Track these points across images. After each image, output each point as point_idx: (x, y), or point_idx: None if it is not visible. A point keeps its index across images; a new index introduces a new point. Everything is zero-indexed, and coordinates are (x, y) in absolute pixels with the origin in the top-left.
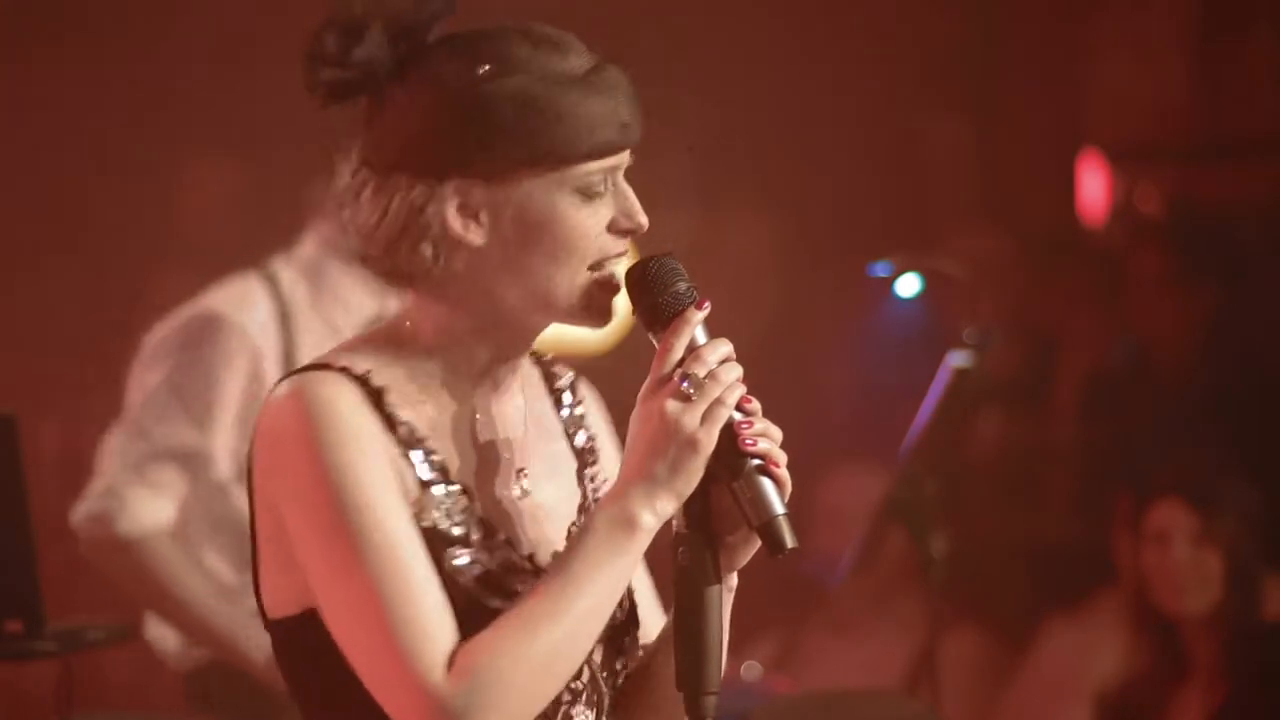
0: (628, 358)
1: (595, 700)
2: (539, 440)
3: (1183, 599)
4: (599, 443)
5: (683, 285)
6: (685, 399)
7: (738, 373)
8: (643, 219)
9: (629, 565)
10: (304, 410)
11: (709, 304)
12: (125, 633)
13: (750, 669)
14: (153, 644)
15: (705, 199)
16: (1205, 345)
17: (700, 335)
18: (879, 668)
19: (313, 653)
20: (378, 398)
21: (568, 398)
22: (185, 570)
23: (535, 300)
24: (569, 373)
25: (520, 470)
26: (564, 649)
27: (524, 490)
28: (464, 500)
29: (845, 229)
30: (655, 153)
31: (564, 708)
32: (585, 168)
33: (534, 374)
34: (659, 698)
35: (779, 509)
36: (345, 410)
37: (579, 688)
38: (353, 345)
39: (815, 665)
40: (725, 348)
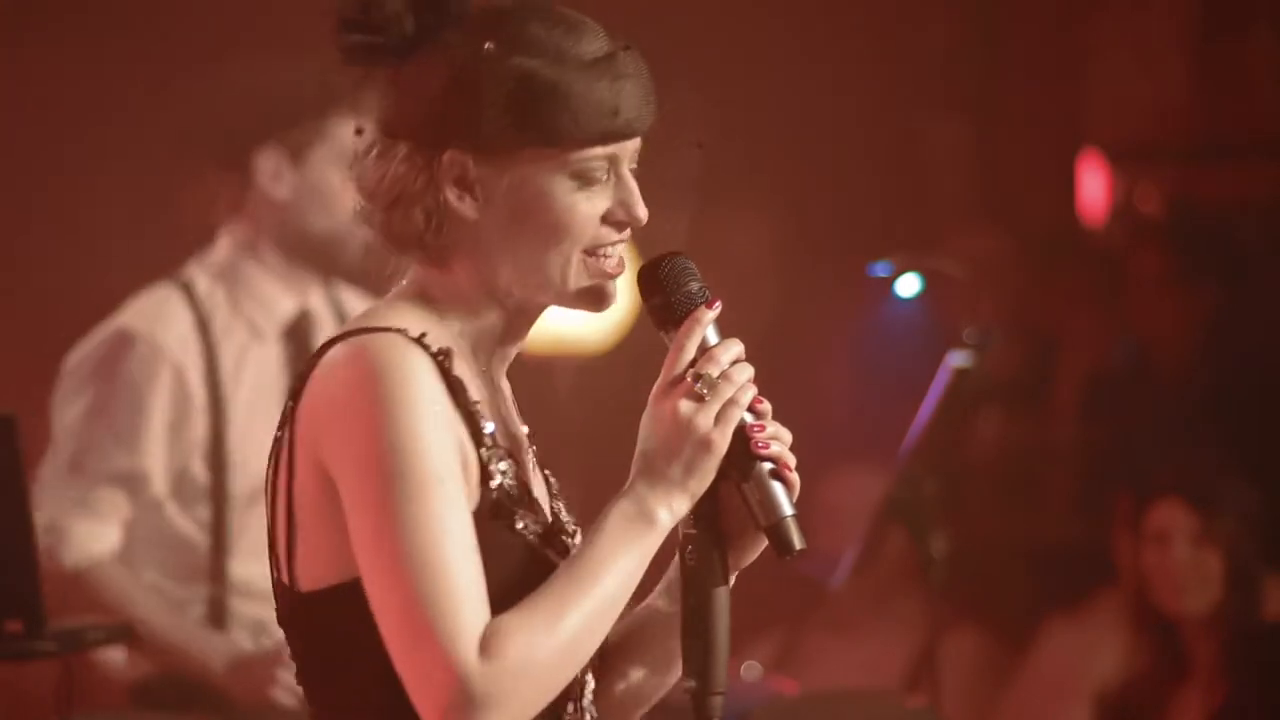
0: (628, 358)
1: (575, 694)
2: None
3: (1183, 599)
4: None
5: (695, 285)
6: (699, 399)
7: (750, 373)
8: (641, 212)
9: (644, 559)
10: (373, 373)
11: (720, 303)
12: (125, 633)
13: (750, 669)
14: (97, 660)
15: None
16: (1205, 345)
17: (712, 335)
18: (879, 668)
19: (348, 625)
20: (441, 360)
21: (508, 387)
22: (136, 590)
23: (528, 280)
24: None
25: (528, 440)
26: (584, 638)
27: (533, 462)
28: (512, 464)
29: (845, 229)
30: (655, 152)
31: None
32: (583, 153)
33: None
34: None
35: (788, 510)
36: (418, 375)
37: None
38: (392, 308)
39: (815, 665)
40: (737, 348)
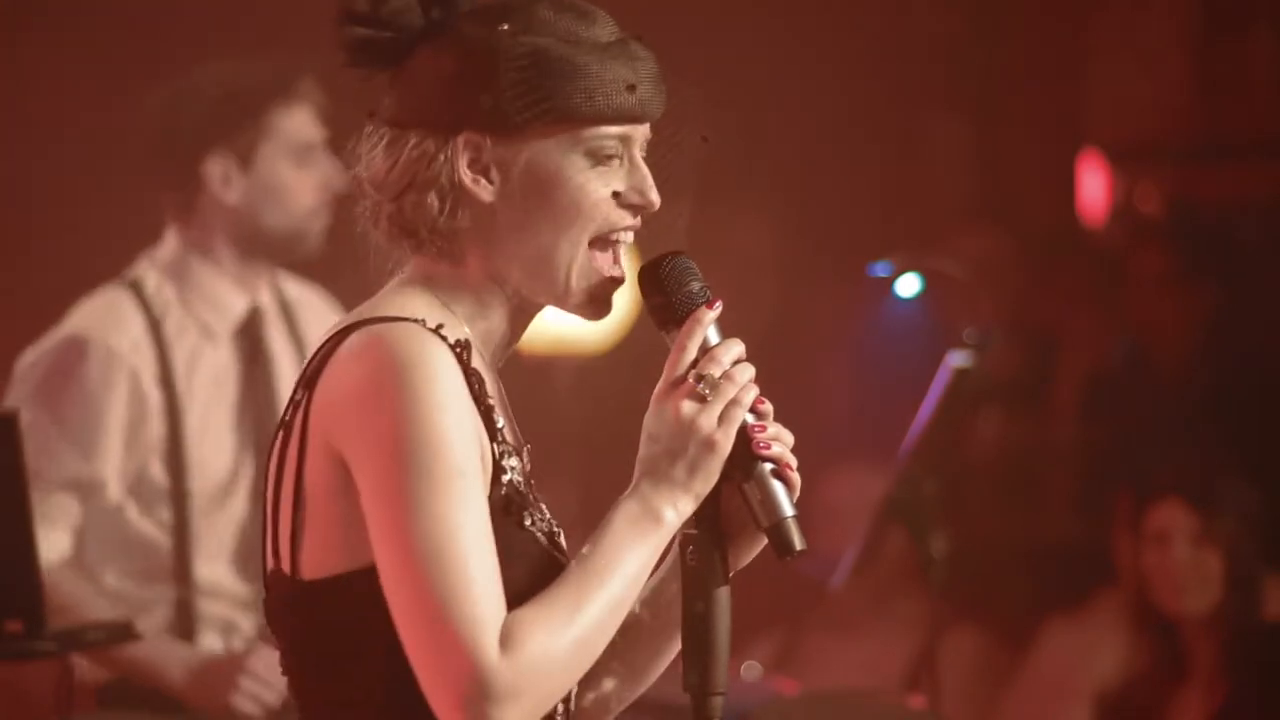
0: (628, 358)
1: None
2: None
3: (1183, 599)
4: None
5: (696, 285)
6: (701, 400)
7: (751, 373)
8: (654, 196)
9: (651, 559)
10: (395, 364)
11: (720, 303)
12: (125, 633)
13: (750, 669)
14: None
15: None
16: (1205, 345)
17: (713, 335)
18: (879, 668)
19: (350, 615)
20: (460, 353)
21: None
22: (88, 597)
23: (534, 270)
24: None
25: (525, 441)
26: (595, 637)
27: (530, 462)
28: (521, 463)
29: (845, 228)
30: (659, 147)
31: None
32: (597, 131)
33: None
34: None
35: (788, 511)
36: (438, 366)
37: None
38: (401, 297)
39: (815, 665)
40: (738, 348)
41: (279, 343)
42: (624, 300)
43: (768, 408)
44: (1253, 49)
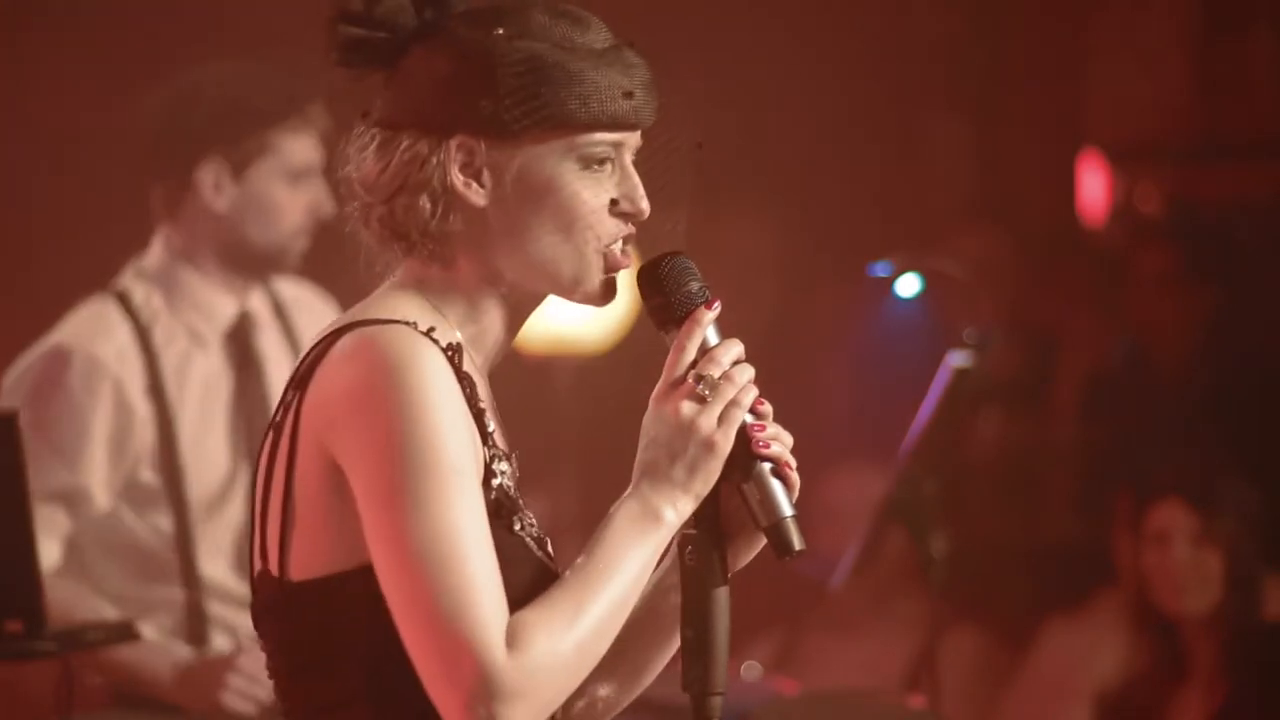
0: (628, 358)
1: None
2: None
3: (1183, 599)
4: None
5: (695, 285)
6: (700, 401)
7: (751, 373)
8: (645, 204)
9: (652, 557)
10: (388, 366)
11: (719, 303)
12: (125, 633)
13: (750, 669)
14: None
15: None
16: (1205, 345)
17: (713, 335)
18: (879, 668)
19: (347, 614)
20: (451, 356)
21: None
22: (79, 606)
23: (532, 269)
24: None
25: (514, 447)
26: (599, 637)
27: (518, 466)
28: (510, 467)
29: (845, 229)
30: (655, 150)
31: None
32: (590, 137)
33: None
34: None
35: (787, 511)
36: (431, 368)
37: None
38: (392, 299)
39: (815, 665)
40: (737, 348)
41: (273, 345)
42: (624, 300)
43: (767, 408)
44: (1253, 49)
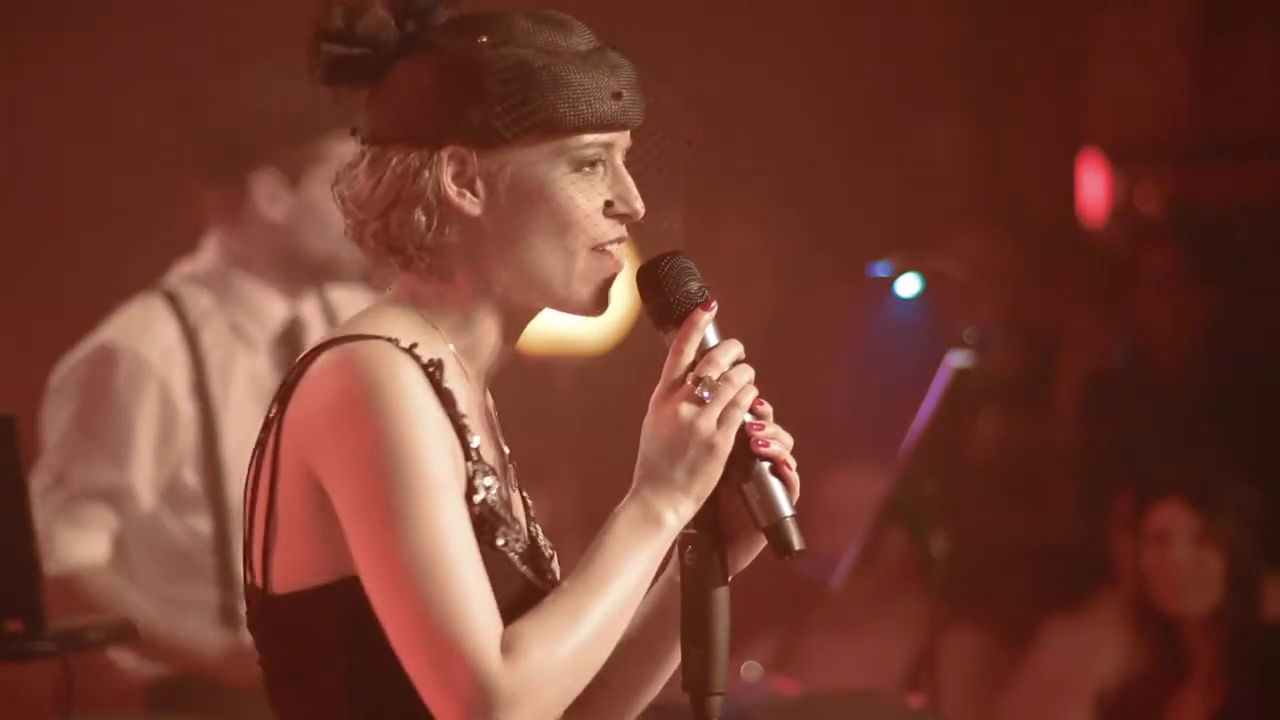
0: (628, 358)
1: None
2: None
3: (1183, 599)
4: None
5: (694, 285)
6: (699, 402)
7: (750, 374)
8: (639, 205)
9: (653, 561)
10: (362, 381)
11: (716, 304)
12: (125, 632)
13: (750, 669)
14: (110, 658)
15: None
16: (1205, 345)
17: (712, 336)
18: (879, 668)
19: (325, 628)
20: (431, 371)
21: (491, 402)
22: (125, 592)
23: (528, 279)
24: None
25: (510, 460)
26: (600, 641)
27: (515, 479)
28: (495, 480)
29: (845, 229)
30: (648, 149)
31: None
32: (580, 139)
33: None
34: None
35: (787, 511)
36: (410, 383)
37: None
38: (381, 315)
39: (815, 665)
40: (736, 349)
41: None
42: (623, 300)
43: (767, 409)
44: (1253, 49)
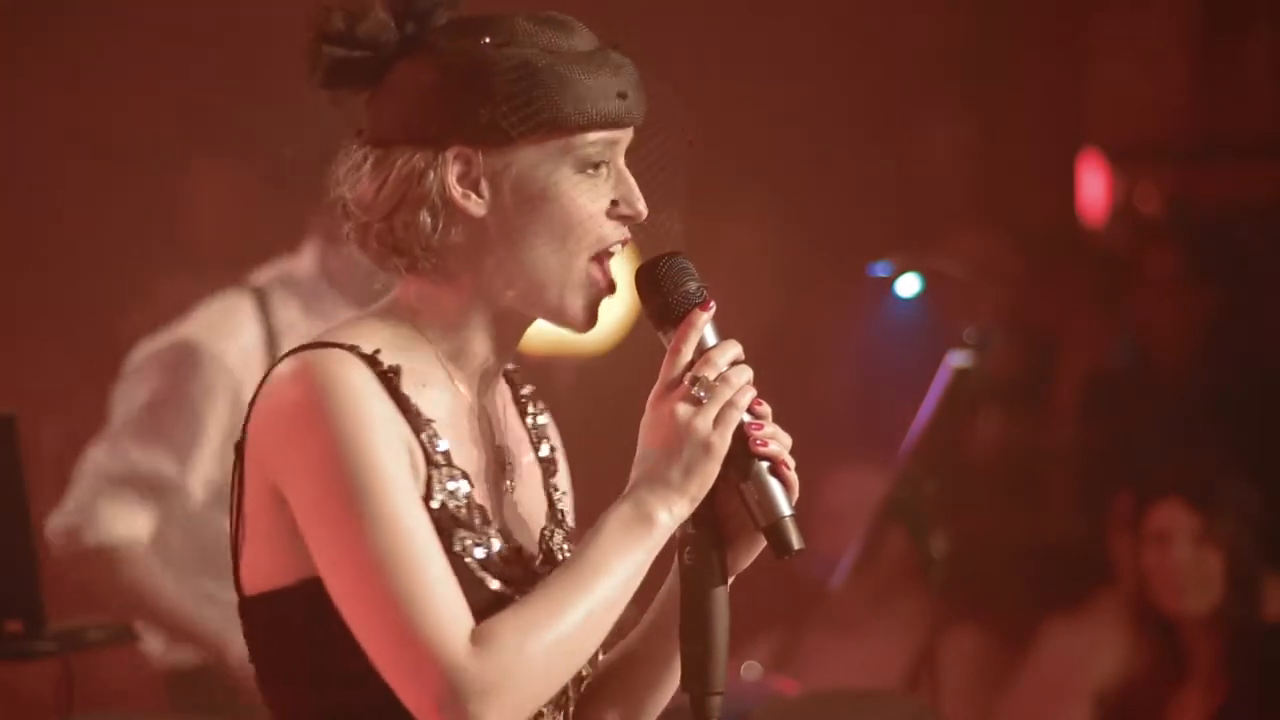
0: (628, 358)
1: (563, 703)
2: (515, 442)
3: (1183, 599)
4: (558, 455)
5: (693, 285)
6: (696, 403)
7: (748, 375)
8: (642, 206)
9: (644, 562)
10: (315, 387)
11: (714, 305)
12: (125, 633)
13: (750, 669)
14: (138, 644)
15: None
16: (1205, 345)
17: (710, 336)
18: (879, 668)
19: (297, 626)
20: (389, 377)
21: (531, 407)
22: (157, 575)
23: (525, 284)
24: (529, 385)
25: (508, 465)
26: (580, 638)
27: (511, 485)
28: (465, 484)
29: (845, 229)
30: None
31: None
32: (585, 138)
33: (501, 382)
34: (641, 679)
35: (786, 510)
36: (359, 388)
37: None
38: (354, 325)
39: (815, 665)
40: (735, 349)
41: None
42: (623, 300)
43: (765, 409)
44: (1253, 49)
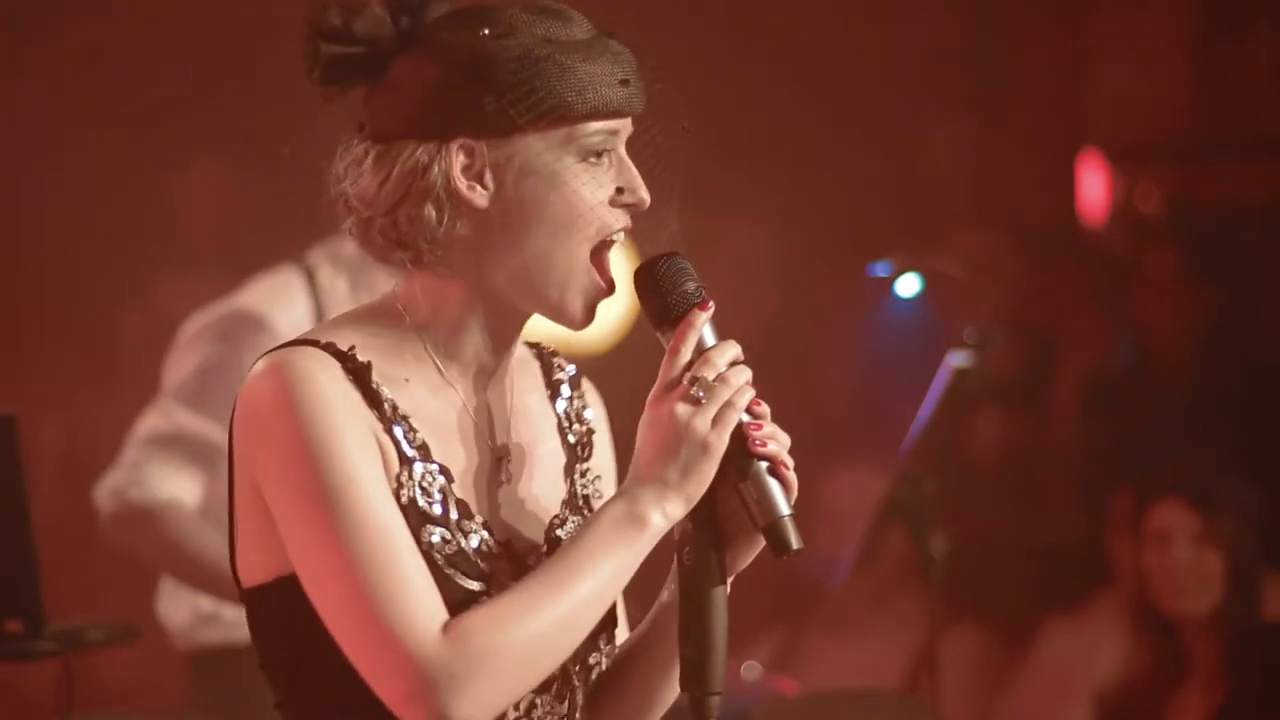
0: (628, 357)
1: (565, 693)
2: (527, 433)
3: (1183, 599)
4: (596, 439)
5: (691, 285)
6: (695, 403)
7: (747, 375)
8: (645, 194)
9: (633, 561)
10: (284, 385)
11: (713, 305)
12: (125, 633)
13: (750, 669)
14: (161, 621)
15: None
16: (1205, 345)
17: (709, 336)
18: (879, 668)
19: (283, 621)
20: (360, 373)
21: (566, 390)
22: (201, 535)
23: (525, 278)
24: (571, 366)
25: (503, 459)
26: (560, 633)
27: (506, 478)
28: (442, 479)
29: (845, 229)
30: (655, 152)
31: (531, 695)
32: (587, 128)
33: (533, 366)
34: (641, 685)
35: (785, 510)
36: (325, 385)
37: (549, 678)
38: (339, 322)
39: (815, 665)
40: (734, 350)
41: None
42: (623, 300)
43: (764, 409)
44: (1253, 49)
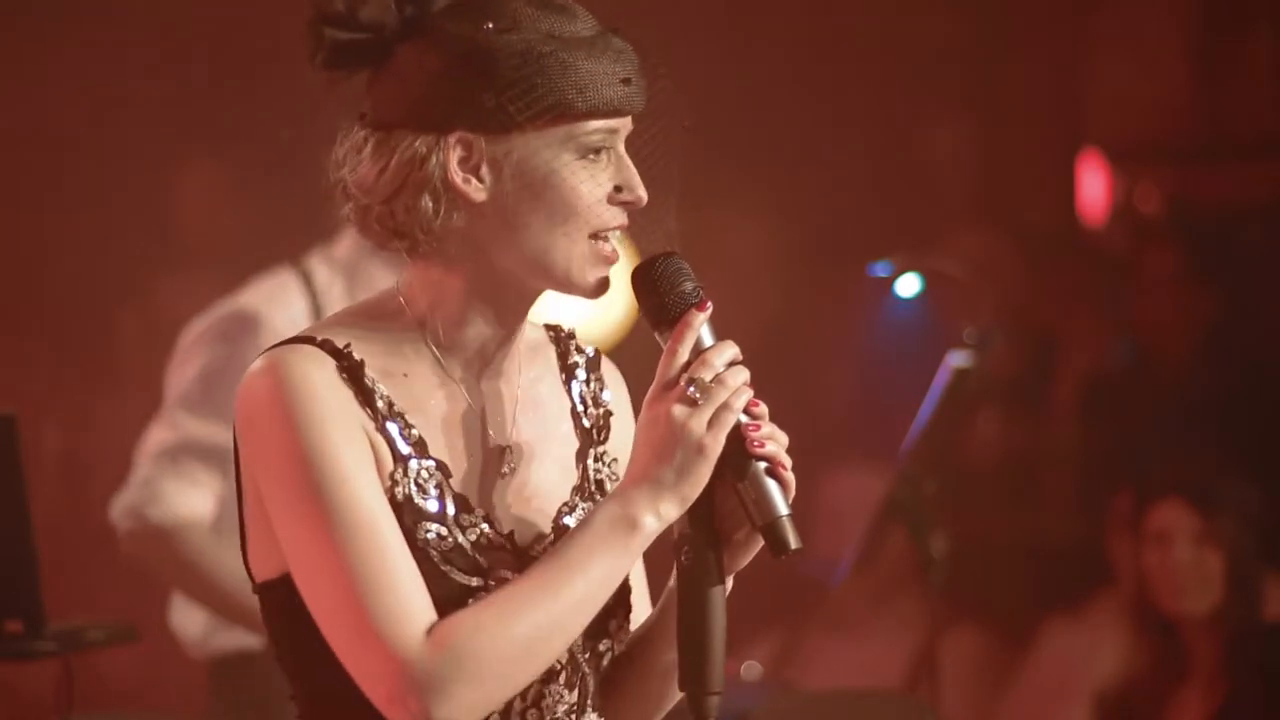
0: (628, 357)
1: (575, 681)
2: (534, 422)
3: (1183, 599)
4: (615, 420)
5: (689, 285)
6: (692, 404)
7: (744, 376)
8: (642, 192)
9: (625, 563)
10: (277, 384)
11: (711, 305)
12: (125, 633)
13: (750, 669)
14: (175, 632)
15: (705, 198)
16: (1205, 345)
17: (707, 337)
18: (879, 668)
19: (290, 615)
20: (355, 370)
21: (582, 374)
22: (221, 556)
23: (531, 263)
24: (590, 348)
25: (506, 449)
26: (546, 635)
27: (509, 469)
28: (439, 475)
29: (845, 229)
30: (655, 153)
31: (539, 685)
32: (587, 125)
33: (547, 350)
34: (641, 688)
35: (783, 510)
36: (318, 383)
37: (557, 667)
38: (337, 319)
39: (815, 665)
40: (731, 350)
41: None
42: (621, 301)
43: (763, 409)
44: (1253, 49)
